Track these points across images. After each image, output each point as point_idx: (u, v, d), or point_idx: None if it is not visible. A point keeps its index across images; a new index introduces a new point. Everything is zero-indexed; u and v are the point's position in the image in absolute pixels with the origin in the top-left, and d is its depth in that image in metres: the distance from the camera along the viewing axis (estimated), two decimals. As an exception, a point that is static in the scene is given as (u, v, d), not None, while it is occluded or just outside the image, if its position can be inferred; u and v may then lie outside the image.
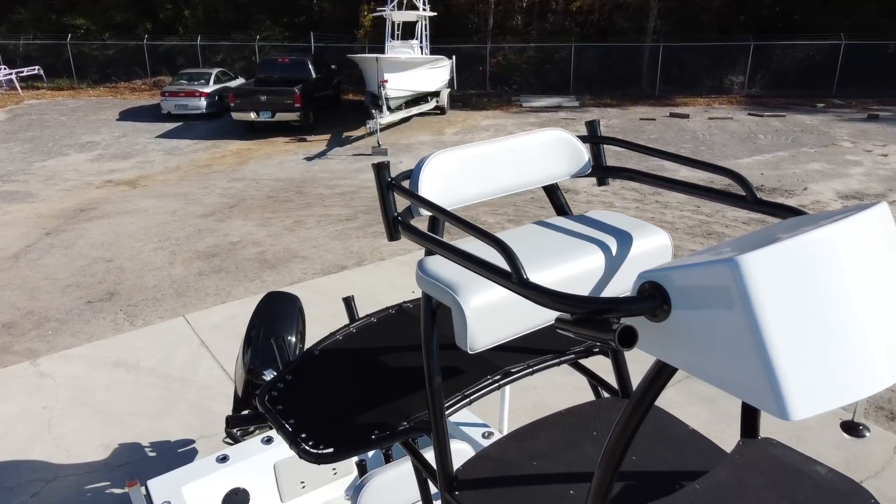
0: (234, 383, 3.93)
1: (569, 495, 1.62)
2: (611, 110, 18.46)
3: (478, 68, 22.20)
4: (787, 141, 14.75)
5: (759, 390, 0.89)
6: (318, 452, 1.73)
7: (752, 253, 0.90)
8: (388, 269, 8.16)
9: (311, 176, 12.91)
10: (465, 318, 1.45)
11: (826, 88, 20.27)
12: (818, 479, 1.39)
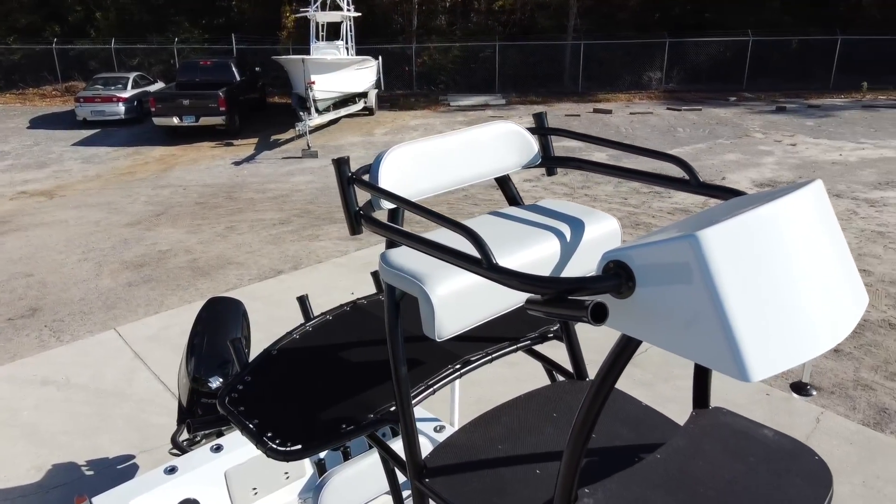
0: (176, 393, 3.84)
1: (535, 475, 1.68)
2: (536, 107, 18.83)
3: (404, 68, 22.22)
4: (704, 133, 15.40)
5: (720, 356, 0.97)
6: (286, 450, 1.72)
7: (709, 228, 0.98)
8: (326, 271, 8.11)
9: (240, 181, 12.64)
10: (432, 306, 1.48)
11: (737, 82, 21.27)
12: (767, 441, 1.50)
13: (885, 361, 6.05)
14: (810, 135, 15.16)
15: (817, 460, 1.43)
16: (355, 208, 1.64)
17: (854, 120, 16.62)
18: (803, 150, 13.84)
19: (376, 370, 2.04)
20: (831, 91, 20.27)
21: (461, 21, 25.78)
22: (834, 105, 18.57)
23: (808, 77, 21.13)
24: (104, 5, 25.63)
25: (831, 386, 5.69)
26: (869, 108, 18.02)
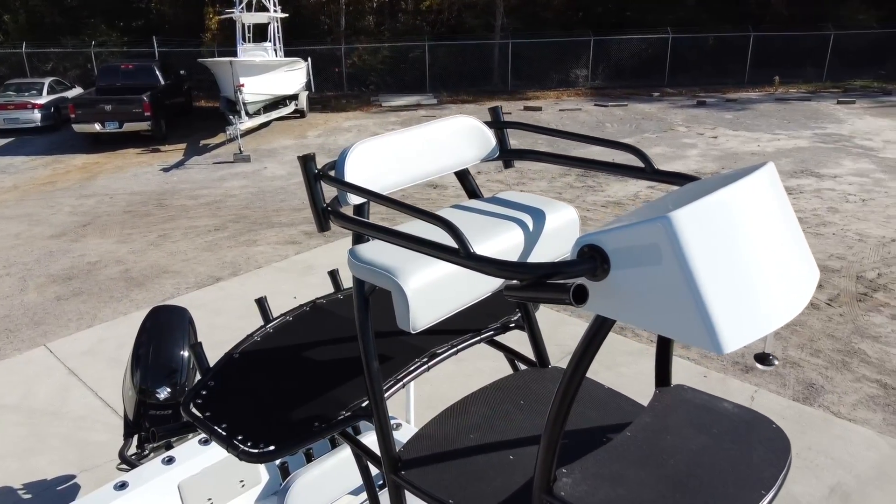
0: (118, 408, 3.71)
1: (509, 461, 1.72)
2: (468, 106, 18.99)
3: (334, 70, 22.02)
4: (632, 128, 15.89)
5: (694, 330, 1.03)
6: (260, 451, 1.72)
7: (680, 210, 1.04)
8: (267, 276, 7.98)
9: (170, 187, 12.27)
10: (406, 298, 1.50)
11: (659, 78, 22.01)
12: (727, 413, 1.59)
13: (809, 339, 6.40)
14: (730, 127, 15.85)
15: (775, 428, 1.53)
16: (323, 205, 1.64)
17: (769, 112, 17.46)
18: (724, 142, 14.46)
19: (343, 367, 2.05)
20: (746, 85, 21.24)
21: (389, 21, 25.74)
22: (750, 99, 19.45)
23: (725, 72, 22.07)
24: (12, 7, 24.39)
25: (763, 365, 5.98)
26: (781, 101, 18.96)
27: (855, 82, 21.44)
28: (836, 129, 15.38)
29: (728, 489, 1.34)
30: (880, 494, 4.33)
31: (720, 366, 5.99)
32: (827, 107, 18.04)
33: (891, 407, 5.38)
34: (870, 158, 13.03)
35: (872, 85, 21.14)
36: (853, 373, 5.86)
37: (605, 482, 1.38)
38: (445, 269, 1.58)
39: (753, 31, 21.90)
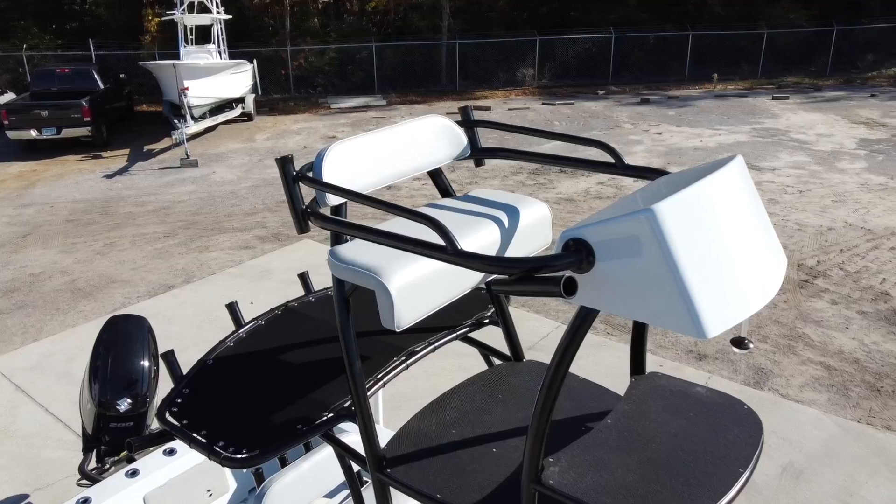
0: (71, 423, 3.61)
1: (492, 453, 1.75)
2: (417, 107, 19.02)
3: (280, 72, 21.74)
4: (580, 126, 16.17)
5: (678, 318, 1.08)
6: (243, 457, 1.70)
7: (662, 203, 1.09)
8: (221, 282, 7.85)
9: (115, 194, 11.93)
10: (391, 297, 1.51)
11: (604, 77, 22.45)
12: (701, 398, 1.66)
13: (757, 326, 6.65)
14: (673, 124, 16.28)
15: (746, 409, 1.61)
16: (302, 206, 1.63)
17: (709, 109, 18.00)
18: (668, 138, 14.85)
19: (320, 369, 2.05)
20: (687, 83, 21.83)
21: (335, 22, 25.55)
22: (690, 96, 20.02)
23: (667, 70, 22.65)
24: (-63, 10, 23.30)
25: (715, 352, 6.19)
26: (720, 98, 19.57)
27: (788, 79, 22.27)
28: (773, 124, 15.97)
29: (708, 468, 1.40)
30: (829, 471, 4.54)
31: (675, 355, 6.17)
32: (763, 103, 18.70)
33: (834, 387, 5.64)
34: (805, 151, 13.57)
35: (804, 81, 22.00)
36: (799, 356, 6.12)
37: (591, 468, 1.43)
38: (427, 266, 1.61)
39: (692, 31, 22.53)
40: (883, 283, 7.62)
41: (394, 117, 17.61)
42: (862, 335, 6.43)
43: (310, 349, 2.17)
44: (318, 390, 1.94)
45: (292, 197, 1.63)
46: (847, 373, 5.83)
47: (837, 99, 19.05)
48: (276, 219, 10.20)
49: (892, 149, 13.67)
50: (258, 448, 1.72)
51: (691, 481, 1.37)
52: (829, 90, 20.57)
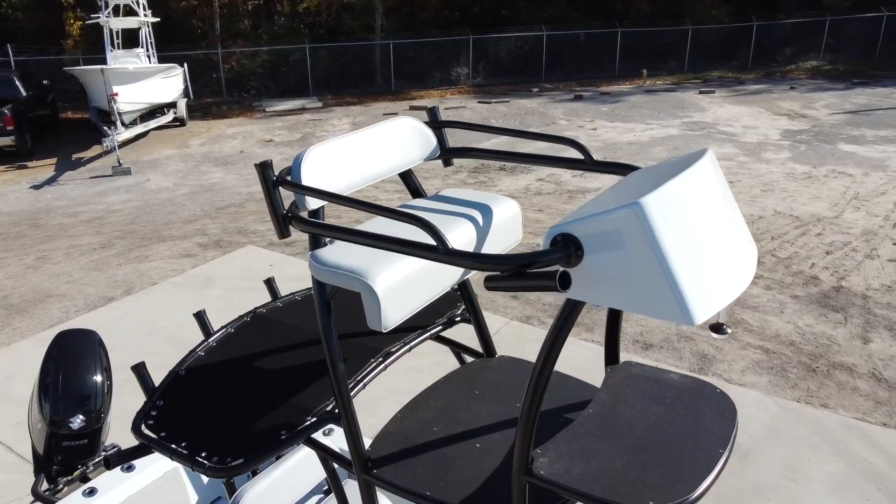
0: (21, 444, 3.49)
1: (476, 448, 1.80)
2: (354, 108, 18.91)
3: (212, 75, 21.26)
4: (516, 123, 16.40)
5: (667, 306, 1.14)
6: (227, 466, 1.69)
7: (648, 196, 1.15)
8: (163, 292, 7.65)
9: (44, 206, 11.45)
10: (377, 298, 1.53)
11: (537, 74, 22.82)
12: (675, 383, 1.75)
13: (698, 313, 6.90)
14: (607, 119, 16.70)
15: (719, 392, 1.70)
16: (282, 211, 1.63)
17: (640, 104, 18.53)
18: (603, 133, 15.22)
19: (297, 374, 2.05)
20: (618, 79, 22.42)
21: (266, 24, 25.13)
22: (622, 91, 20.56)
23: (598, 67, 23.20)
24: None
25: (660, 341, 6.41)
26: (650, 93, 20.17)
27: (713, 73, 23.13)
28: (701, 118, 16.57)
29: (690, 451, 1.48)
30: (773, 450, 4.78)
31: (622, 346, 6.35)
32: (691, 97, 19.37)
33: (774, 370, 5.92)
34: (733, 143, 14.14)
35: (728, 75, 22.90)
36: (739, 341, 6.40)
37: (579, 457, 1.49)
38: (411, 266, 1.64)
39: (620, 28, 23.14)
40: (812, 267, 8.03)
41: (330, 119, 17.47)
42: (796, 318, 6.78)
43: (283, 354, 2.16)
44: (298, 395, 1.94)
45: (273, 202, 1.62)
46: (785, 355, 6.14)
47: (760, 92, 19.90)
48: (217, 225, 10.00)
49: (814, 139, 14.39)
50: (243, 456, 1.71)
51: (676, 464, 1.45)
52: (751, 83, 21.45)
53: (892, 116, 16.19)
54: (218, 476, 1.72)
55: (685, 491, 1.37)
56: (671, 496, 1.36)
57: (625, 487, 1.39)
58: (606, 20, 24.31)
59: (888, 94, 18.94)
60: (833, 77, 21.98)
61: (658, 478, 1.41)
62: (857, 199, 10.47)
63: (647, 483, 1.40)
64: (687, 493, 1.36)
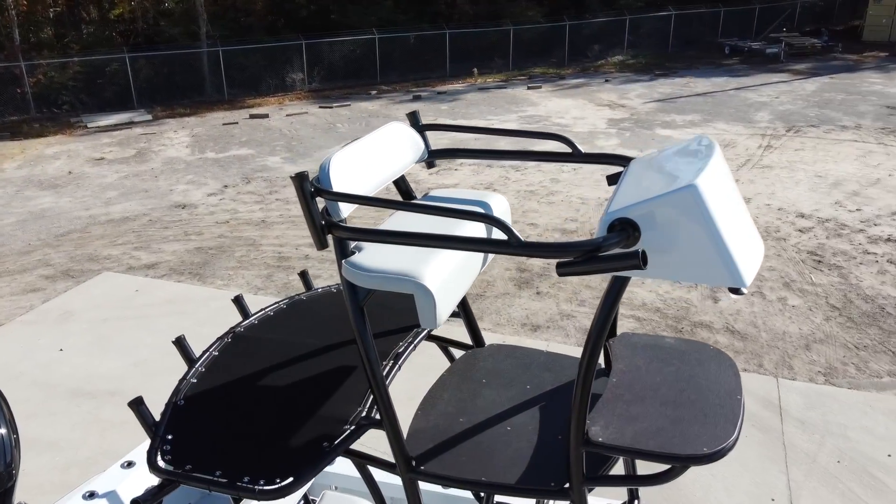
0: None
1: (507, 431, 1.90)
2: (188, 119, 17.97)
3: (15, 90, 19.17)
4: (363, 126, 16.46)
5: (719, 273, 1.34)
6: (278, 487, 1.65)
7: (698, 179, 1.35)
8: (15, 333, 6.93)
9: None
10: (432, 297, 1.60)
11: (372, 77, 22.98)
12: (674, 346, 1.99)
13: (573, 293, 7.46)
14: (449, 117, 17.24)
15: (713, 349, 1.97)
16: (321, 221, 1.63)
17: (477, 101, 19.32)
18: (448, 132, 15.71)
19: (309, 386, 2.04)
20: (450, 78, 23.16)
21: (73, 33, 23.08)
22: (456, 90, 21.29)
23: (430, 67, 23.81)
24: None
25: (546, 321, 6.85)
26: (483, 90, 21.08)
27: (536, 69, 24.61)
28: (535, 111, 17.63)
29: (713, 400, 1.72)
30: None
31: (512, 330, 6.73)
32: (521, 92, 20.51)
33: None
34: (568, 133, 15.21)
35: (549, 71, 24.48)
36: (613, 313, 7.01)
37: (624, 421, 1.66)
38: (449, 262, 1.73)
39: (448, 29, 23.92)
40: (658, 240, 8.94)
41: (166, 132, 16.50)
42: (655, 287, 7.53)
43: (284, 369, 2.14)
44: (323, 406, 1.93)
45: (312, 213, 1.61)
46: (654, 321, 6.81)
47: (580, 86, 21.49)
48: (61, 254, 9.17)
49: (635, 126, 15.85)
50: (291, 474, 1.68)
51: (707, 414, 1.67)
52: (571, 78, 23.10)
53: (693, 103, 18.22)
54: (271, 499, 1.66)
55: (726, 435, 1.59)
56: (717, 441, 1.57)
57: (675, 440, 1.59)
58: (433, 22, 25.01)
59: (685, 83, 21.23)
60: (638, 70, 24.23)
61: (699, 428, 1.62)
62: None
63: (691, 434, 1.60)
64: (727, 437, 1.58)
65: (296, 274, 8.28)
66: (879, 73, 22.12)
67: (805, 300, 7.12)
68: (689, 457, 1.53)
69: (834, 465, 4.69)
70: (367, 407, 1.89)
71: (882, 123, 15.31)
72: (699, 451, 1.54)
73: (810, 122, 15.67)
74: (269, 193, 11.48)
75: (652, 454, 1.56)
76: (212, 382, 2.12)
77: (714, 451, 1.53)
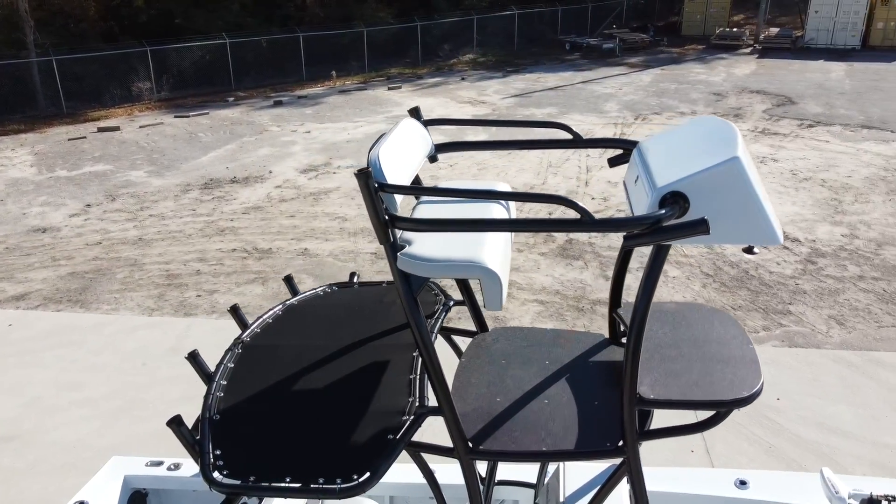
0: None
1: (545, 403, 2.00)
2: (26, 136, 16.43)
3: None
4: (227, 135, 15.88)
5: (761, 234, 1.57)
6: (356, 483, 1.67)
7: (737, 152, 1.57)
8: None
9: None
10: (499, 280, 1.70)
11: (226, 83, 22.13)
12: (674, 309, 2.22)
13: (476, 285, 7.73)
14: (316, 121, 17.04)
15: (708, 307, 2.23)
16: (385, 217, 1.64)
17: (340, 104, 19.22)
18: (319, 135, 15.55)
19: (344, 383, 2.06)
20: (308, 82, 22.81)
21: None
22: (317, 94, 21.03)
23: (286, 72, 23.31)
24: None
25: (456, 316, 7.06)
26: (344, 93, 20.99)
27: (393, 70, 24.84)
28: (400, 112, 17.83)
29: (730, 351, 1.96)
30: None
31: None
32: (383, 93, 20.64)
33: (554, 316, 6.97)
34: (435, 131, 15.52)
35: (406, 71, 24.80)
36: (518, 299, 7.36)
37: (666, 378, 1.84)
38: (497, 244, 1.84)
39: (301, 32, 23.53)
40: (544, 227, 9.46)
41: (2, 151, 15.00)
42: (551, 271, 7.99)
43: (314, 371, 2.13)
44: (371, 400, 1.95)
45: (377, 208, 1.62)
46: (556, 303, 7.24)
47: (438, 84, 21.99)
48: None
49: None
50: (367, 469, 1.69)
51: (730, 363, 1.89)
52: (428, 77, 23.56)
53: (547, 97, 19.26)
54: (352, 495, 1.66)
55: (756, 379, 1.82)
56: (751, 385, 1.79)
57: (716, 388, 1.79)
58: (283, 25, 24.52)
59: (536, 78, 22.37)
60: (489, 67, 25.18)
61: (731, 375, 1.84)
62: (552, 166, 12.42)
63: (726, 380, 1.82)
64: (757, 380, 1.82)
65: (190, 291, 7.94)
66: (701, 64, 24.50)
67: (682, 271, 7.86)
68: (733, 401, 1.75)
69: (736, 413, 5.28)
70: (418, 396, 1.94)
71: (713, 109, 17.03)
72: (740, 394, 1.76)
73: (653, 109, 17.10)
74: (141, 210, 10.84)
75: (701, 403, 1.76)
76: (241, 393, 2.08)
77: (753, 393, 1.76)
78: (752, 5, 34.17)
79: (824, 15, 27.17)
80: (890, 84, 19.71)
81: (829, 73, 21.89)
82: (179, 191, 11.71)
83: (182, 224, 10.15)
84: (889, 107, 16.46)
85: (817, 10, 27.25)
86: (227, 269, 8.49)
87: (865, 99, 17.68)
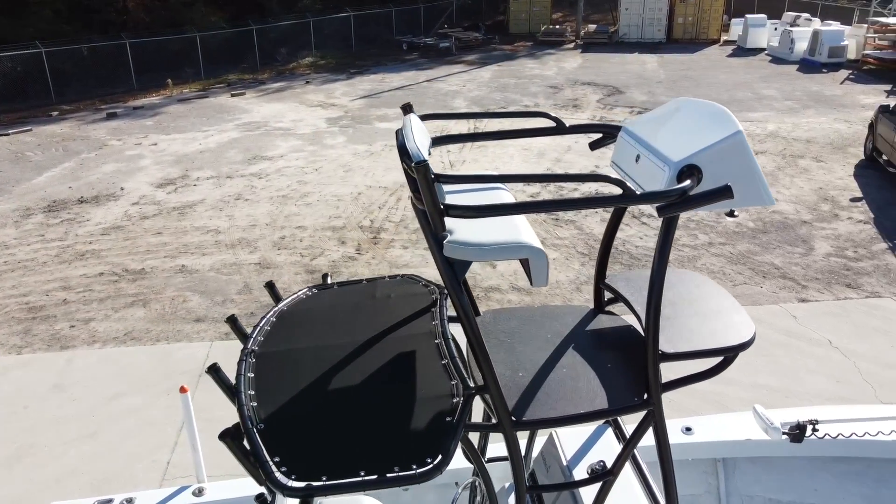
0: None
1: (564, 371, 2.02)
2: None
3: None
4: (61, 152, 14.59)
5: (759, 196, 1.85)
6: (431, 466, 1.66)
7: (738, 126, 1.86)
8: None
9: None
10: (545, 257, 1.80)
11: (45, 97, 20.22)
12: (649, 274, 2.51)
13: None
14: (160, 132, 16.09)
15: (680, 269, 2.53)
16: (440, 206, 1.67)
17: (183, 113, 18.27)
18: (168, 147, 14.72)
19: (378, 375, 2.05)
20: (141, 91, 21.40)
21: None
22: (154, 103, 19.83)
23: (114, 81, 21.72)
24: None
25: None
26: (184, 102, 19.96)
27: (231, 76, 23.94)
28: (250, 118, 17.30)
29: (717, 302, 2.20)
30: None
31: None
32: (227, 100, 19.87)
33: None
34: (294, 137, 15.29)
35: (245, 77, 24.00)
36: (415, 293, 7.54)
37: (681, 333, 2.04)
38: (529, 226, 2.00)
39: (127, 39, 22.03)
40: (424, 223, 9.71)
41: None
42: (440, 263, 8.25)
43: (342, 369, 2.11)
44: (417, 387, 1.90)
45: (434, 198, 1.66)
46: (452, 291, 7.50)
47: (283, 89, 21.55)
48: None
49: (354, 122, 16.53)
50: (439, 452, 1.69)
51: (722, 314, 2.13)
52: (270, 82, 22.98)
53: (396, 96, 19.55)
54: (430, 478, 1.66)
55: (749, 325, 2.03)
56: (749, 329, 2.00)
57: (722, 336, 2.01)
58: (104, 31, 22.83)
59: (381, 79, 22.59)
60: (332, 69, 25.04)
61: (728, 324, 2.10)
62: (542, 155, 12.66)
63: (731, 329, 2.06)
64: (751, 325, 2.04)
65: (61, 322, 7.34)
66: (532, 59, 25.97)
67: (560, 252, 8.44)
68: (739, 345, 2.00)
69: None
70: (460, 378, 2.02)
71: (552, 101, 18.17)
72: (744, 339, 2.03)
73: (499, 104, 17.94)
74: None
75: (713, 351, 2.01)
76: (276, 401, 2.00)
77: (752, 336, 2.05)
78: (568, 4, 36.73)
79: (633, 12, 29.81)
80: (696, 72, 22.08)
81: (644, 64, 24.08)
82: (19, 216, 10.65)
83: (32, 252, 9.28)
84: (699, 92, 18.47)
85: (627, 7, 29.83)
86: (98, 295, 7.91)
87: (679, 86, 19.70)
